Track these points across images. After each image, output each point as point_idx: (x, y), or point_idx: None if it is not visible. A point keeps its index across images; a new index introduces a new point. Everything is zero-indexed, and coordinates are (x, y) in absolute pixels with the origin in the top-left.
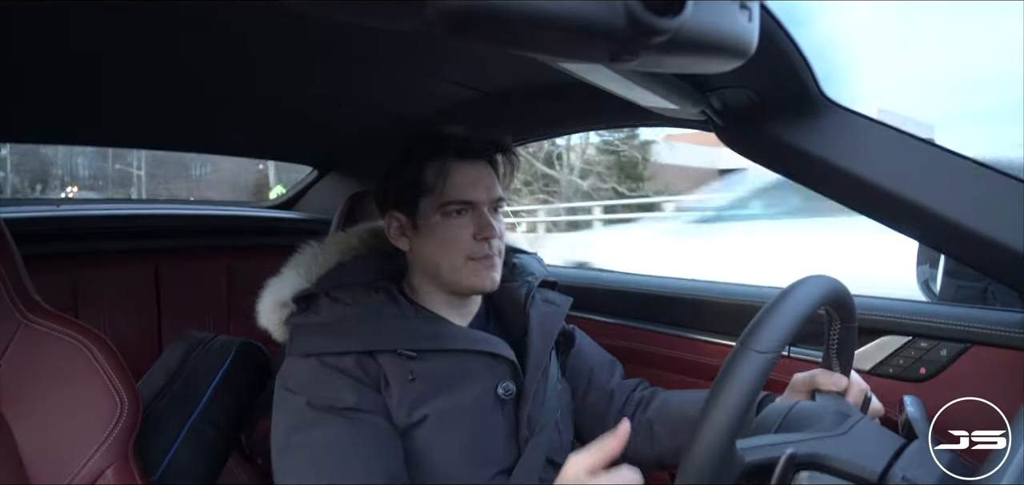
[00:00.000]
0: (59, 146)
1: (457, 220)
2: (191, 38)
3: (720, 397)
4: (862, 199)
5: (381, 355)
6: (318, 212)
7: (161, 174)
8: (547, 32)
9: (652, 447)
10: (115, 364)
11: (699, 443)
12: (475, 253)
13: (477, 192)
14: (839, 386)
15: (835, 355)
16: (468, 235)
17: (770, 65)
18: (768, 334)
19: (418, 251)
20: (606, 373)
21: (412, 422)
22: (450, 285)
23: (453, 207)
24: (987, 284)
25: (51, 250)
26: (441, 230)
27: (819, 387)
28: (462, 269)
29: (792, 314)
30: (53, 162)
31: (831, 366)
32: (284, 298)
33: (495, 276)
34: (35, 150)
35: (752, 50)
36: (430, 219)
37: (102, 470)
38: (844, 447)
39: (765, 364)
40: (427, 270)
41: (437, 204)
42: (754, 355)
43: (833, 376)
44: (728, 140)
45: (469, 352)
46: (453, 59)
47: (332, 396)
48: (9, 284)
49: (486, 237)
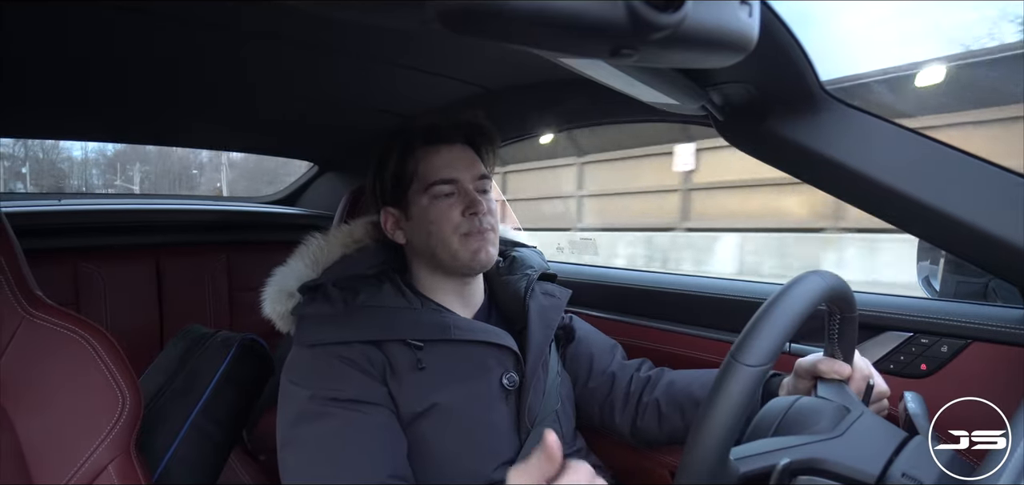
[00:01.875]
0: (75, 159)
1: (444, 201)
2: (194, 35)
3: (711, 413)
4: (863, 195)
5: (388, 345)
6: (319, 207)
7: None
8: (548, 28)
9: (660, 427)
10: (117, 359)
11: (691, 459)
12: (466, 229)
13: (457, 170)
14: (842, 373)
15: (837, 345)
16: (457, 213)
17: (770, 60)
18: (758, 346)
19: (414, 239)
20: (606, 357)
21: (419, 411)
22: (448, 266)
23: (438, 188)
24: (988, 280)
25: (53, 245)
26: (431, 212)
27: (821, 374)
28: (457, 246)
29: (782, 323)
30: (69, 174)
31: (834, 355)
32: (290, 288)
33: (491, 250)
34: (52, 164)
35: (752, 45)
36: (419, 204)
37: (104, 466)
38: (841, 450)
39: (755, 377)
40: (425, 257)
41: (422, 188)
42: (743, 369)
43: (835, 363)
44: (729, 136)
45: (475, 343)
46: (454, 55)
47: (336, 388)
48: (11, 278)
49: (474, 212)
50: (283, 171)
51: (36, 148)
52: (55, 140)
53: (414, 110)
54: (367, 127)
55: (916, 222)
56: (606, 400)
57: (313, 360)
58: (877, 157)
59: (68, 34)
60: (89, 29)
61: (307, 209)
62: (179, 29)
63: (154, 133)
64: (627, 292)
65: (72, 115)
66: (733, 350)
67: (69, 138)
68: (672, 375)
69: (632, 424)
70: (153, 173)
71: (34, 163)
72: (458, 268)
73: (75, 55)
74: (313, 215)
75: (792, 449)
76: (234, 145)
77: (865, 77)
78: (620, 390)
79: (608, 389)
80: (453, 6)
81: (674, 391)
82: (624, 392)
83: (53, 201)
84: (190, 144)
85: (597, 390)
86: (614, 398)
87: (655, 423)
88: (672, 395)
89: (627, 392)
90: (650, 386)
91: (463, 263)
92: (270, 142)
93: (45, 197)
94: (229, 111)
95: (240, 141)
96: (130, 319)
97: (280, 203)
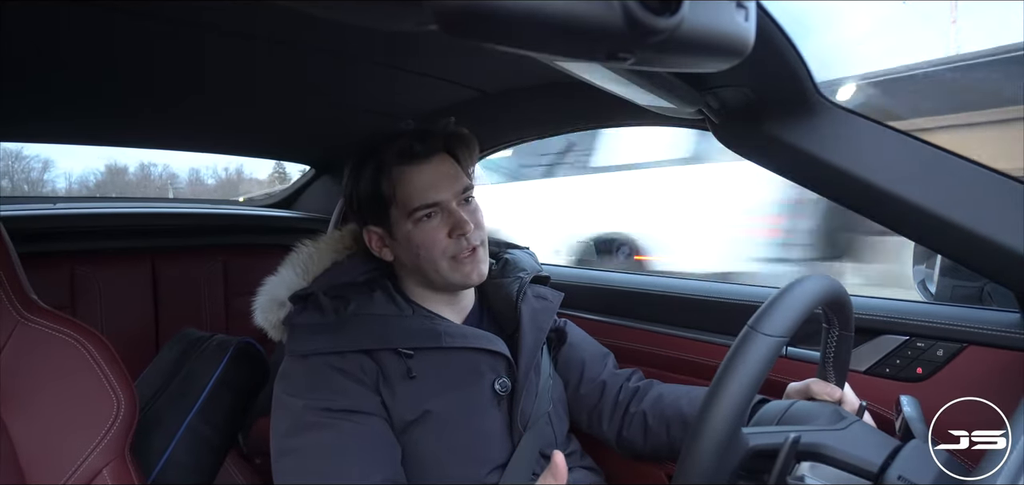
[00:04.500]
0: (60, 190)
1: (429, 223)
2: (190, 38)
3: (728, 377)
4: (859, 198)
5: (379, 354)
6: (315, 211)
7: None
8: (544, 31)
9: (645, 441)
10: (112, 363)
11: (705, 423)
12: (455, 251)
13: (439, 191)
14: (833, 397)
15: (831, 365)
16: (443, 236)
17: (767, 64)
18: (778, 318)
19: (402, 257)
20: (598, 365)
21: (411, 419)
22: (439, 285)
23: (420, 213)
24: (984, 284)
25: (48, 248)
26: (416, 236)
27: (814, 397)
28: (446, 269)
29: (799, 304)
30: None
31: (827, 376)
32: (281, 297)
33: (482, 268)
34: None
35: (749, 49)
36: (403, 228)
37: (99, 469)
38: (844, 440)
39: (773, 347)
40: (415, 274)
41: (404, 214)
42: (762, 338)
43: (827, 386)
44: (725, 139)
45: (466, 349)
46: (450, 58)
47: (330, 398)
48: (6, 283)
49: (462, 232)
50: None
51: (21, 181)
52: (51, 144)
53: (411, 113)
54: (364, 130)
55: (912, 226)
56: (595, 408)
57: (306, 370)
58: (873, 161)
59: (63, 36)
60: (83, 31)
61: (304, 212)
62: (175, 31)
63: (150, 137)
64: (619, 295)
65: (67, 119)
66: (752, 321)
67: (63, 142)
68: (661, 389)
69: (618, 434)
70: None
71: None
72: (450, 287)
73: (70, 58)
74: (309, 218)
75: (799, 432)
76: (231, 149)
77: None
78: (609, 399)
79: (598, 397)
80: (449, 8)
81: (662, 406)
82: (613, 401)
83: (48, 205)
84: (187, 148)
85: (587, 397)
86: (603, 406)
87: (640, 436)
88: (660, 410)
89: (615, 401)
90: (638, 397)
91: (456, 283)
92: (267, 145)
93: (41, 201)
94: (226, 114)
95: (237, 145)
96: (126, 323)
97: (277, 206)
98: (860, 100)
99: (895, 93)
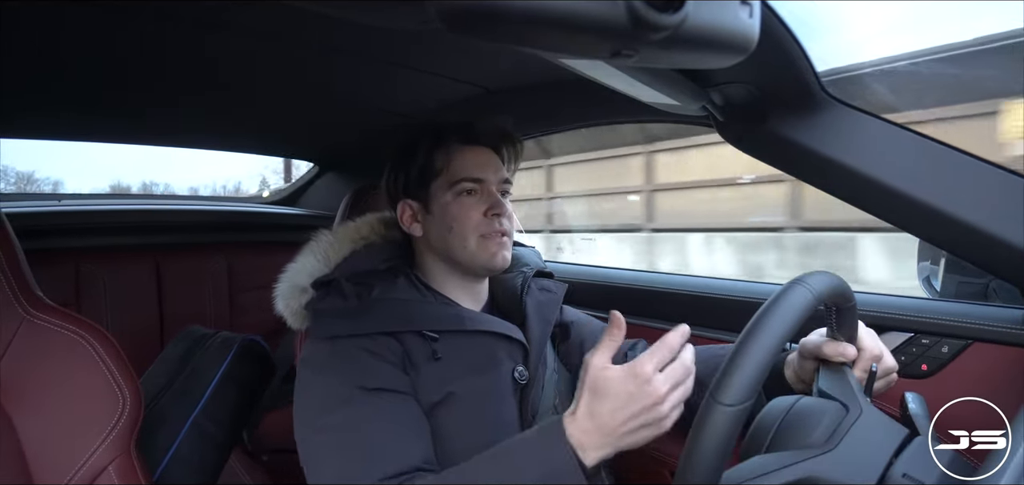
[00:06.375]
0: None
1: (467, 199)
2: (194, 36)
3: (693, 456)
4: (863, 195)
5: (404, 336)
6: (319, 208)
7: None
8: (548, 29)
9: None
10: (117, 359)
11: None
12: (486, 230)
13: (485, 171)
14: (847, 355)
15: (839, 332)
16: (479, 213)
17: (771, 61)
18: (737, 383)
19: (431, 234)
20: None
21: (437, 400)
22: (463, 264)
23: (463, 185)
24: (989, 281)
25: (53, 245)
26: (453, 208)
27: (825, 357)
28: (475, 246)
29: (758, 359)
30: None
31: (836, 340)
32: (302, 283)
33: (506, 254)
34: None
35: (753, 46)
36: (441, 200)
37: (104, 466)
38: (837, 464)
39: (734, 416)
40: (440, 252)
41: (448, 183)
42: (721, 410)
43: (839, 345)
44: (729, 136)
45: (487, 333)
46: (454, 56)
47: (362, 377)
48: (11, 279)
49: (496, 213)
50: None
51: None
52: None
53: (415, 111)
54: (368, 127)
55: (917, 222)
56: None
57: (334, 351)
58: (878, 157)
59: (66, 33)
60: (87, 28)
61: (307, 209)
62: (179, 29)
63: (154, 134)
64: (623, 292)
65: (72, 115)
66: (711, 389)
67: (67, 139)
68: None
69: None
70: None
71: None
72: (474, 268)
73: (74, 55)
74: (313, 215)
75: (784, 470)
76: (235, 146)
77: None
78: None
79: None
80: (453, 6)
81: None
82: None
83: (53, 202)
84: (192, 145)
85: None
86: None
87: None
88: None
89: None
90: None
91: (481, 264)
92: (270, 142)
93: (45, 198)
94: (230, 112)
95: (241, 142)
96: (130, 319)
97: (280, 203)
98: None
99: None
